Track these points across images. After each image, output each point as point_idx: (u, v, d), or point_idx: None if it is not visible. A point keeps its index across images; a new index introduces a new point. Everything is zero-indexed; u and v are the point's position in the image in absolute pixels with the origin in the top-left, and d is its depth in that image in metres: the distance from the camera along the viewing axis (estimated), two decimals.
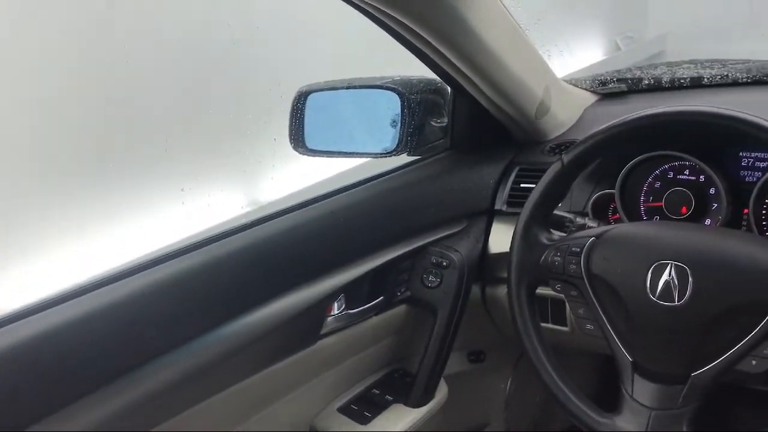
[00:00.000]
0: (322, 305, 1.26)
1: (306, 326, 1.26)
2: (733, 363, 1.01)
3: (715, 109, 1.02)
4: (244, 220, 1.25)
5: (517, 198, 1.47)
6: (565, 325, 1.43)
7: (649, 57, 4.55)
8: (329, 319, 1.30)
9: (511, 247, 1.20)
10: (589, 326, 1.14)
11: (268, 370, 1.23)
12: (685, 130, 1.08)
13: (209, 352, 1.11)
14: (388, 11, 1.08)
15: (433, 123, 1.55)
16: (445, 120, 1.55)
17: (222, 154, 2.24)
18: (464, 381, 1.62)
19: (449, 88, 1.49)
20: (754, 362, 0.99)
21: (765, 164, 1.29)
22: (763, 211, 1.27)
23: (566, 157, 1.14)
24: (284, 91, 1.55)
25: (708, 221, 1.32)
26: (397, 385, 1.48)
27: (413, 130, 1.47)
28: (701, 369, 1.02)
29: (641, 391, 1.07)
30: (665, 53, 4.89)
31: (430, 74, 1.41)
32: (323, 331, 1.29)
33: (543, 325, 1.45)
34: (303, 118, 1.55)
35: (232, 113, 2.21)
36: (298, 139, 1.54)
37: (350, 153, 1.56)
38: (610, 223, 1.31)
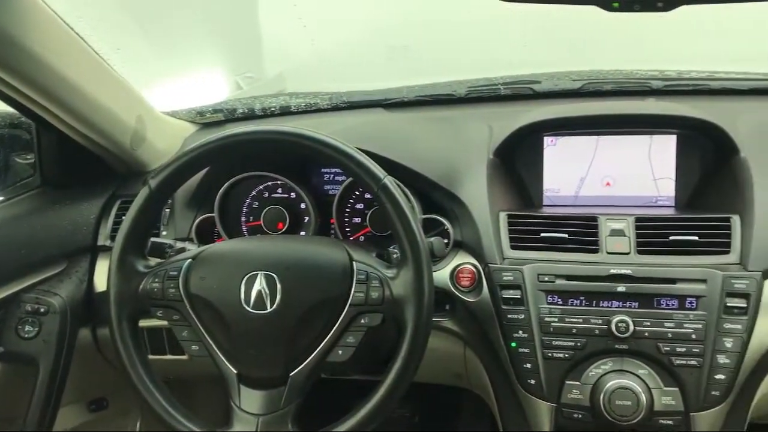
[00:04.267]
0: None
1: None
2: (324, 356, 1.10)
3: (283, 128, 1.11)
4: None
5: None
6: (184, 354, 1.42)
7: (272, 95, 4.82)
8: None
9: (108, 281, 1.15)
10: (194, 347, 1.15)
11: None
12: (260, 149, 1.16)
13: None
14: None
15: (19, 159, 1.42)
16: (33, 156, 1.44)
17: None
18: None
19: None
20: (340, 352, 1.10)
21: (343, 178, 1.46)
22: (345, 219, 1.43)
23: (153, 182, 1.14)
24: None
25: (303, 233, 1.44)
26: None
27: None
28: (298, 368, 1.09)
29: (248, 400, 1.10)
30: (286, 90, 5.24)
31: None
32: None
33: (161, 357, 1.42)
34: None
35: None
36: None
37: None
38: None
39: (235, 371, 1.11)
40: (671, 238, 1.22)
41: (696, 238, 1.21)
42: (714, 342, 1.14)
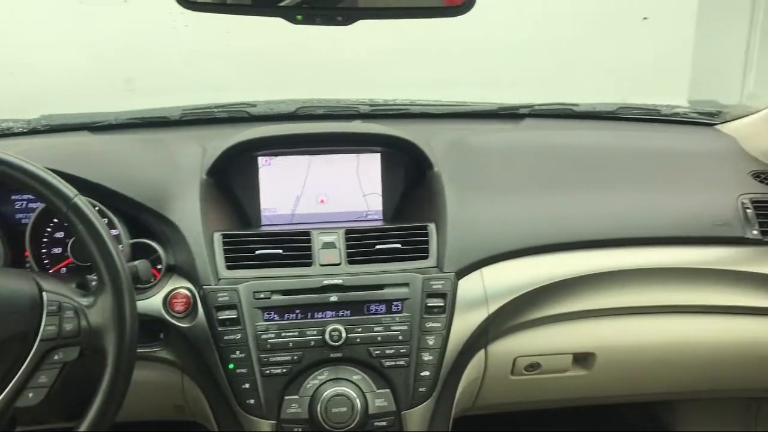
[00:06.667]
0: None
1: None
2: (11, 402, 0.97)
3: None
4: None
5: None
6: None
7: None
8: None
9: None
10: None
11: None
12: None
13: None
14: None
15: None
16: None
17: None
18: None
19: None
20: (31, 395, 0.98)
21: (37, 205, 1.32)
22: (42, 250, 1.30)
23: None
24: None
25: None
26: None
27: None
28: None
29: None
30: None
31: None
32: None
33: None
34: None
35: None
36: None
37: None
38: None
39: None
40: (377, 247, 1.29)
41: (399, 245, 1.29)
42: (418, 341, 1.21)
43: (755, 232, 1.39)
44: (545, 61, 2.44)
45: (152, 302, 1.22)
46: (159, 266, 1.25)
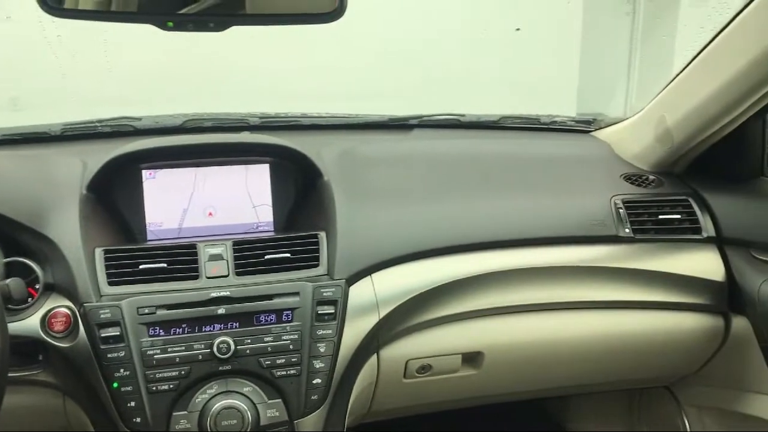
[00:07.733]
0: None
1: None
2: None
3: None
4: None
5: None
6: None
7: None
8: None
9: None
10: None
11: None
12: None
13: None
14: None
15: None
16: None
17: None
18: None
19: None
20: None
21: None
22: None
23: None
24: None
25: None
26: None
27: None
28: None
29: None
30: None
31: None
32: None
33: None
34: None
35: None
36: None
37: None
38: None
39: None
40: (267, 257, 1.28)
41: (289, 255, 1.29)
42: (310, 349, 1.22)
43: (627, 230, 1.48)
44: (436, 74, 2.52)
45: (29, 323, 1.17)
46: (36, 285, 1.20)
